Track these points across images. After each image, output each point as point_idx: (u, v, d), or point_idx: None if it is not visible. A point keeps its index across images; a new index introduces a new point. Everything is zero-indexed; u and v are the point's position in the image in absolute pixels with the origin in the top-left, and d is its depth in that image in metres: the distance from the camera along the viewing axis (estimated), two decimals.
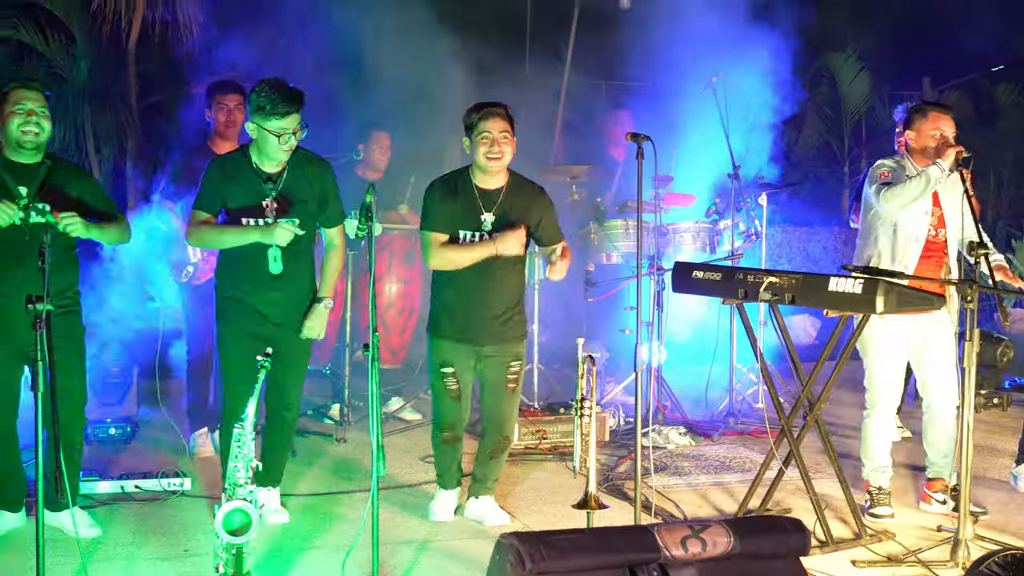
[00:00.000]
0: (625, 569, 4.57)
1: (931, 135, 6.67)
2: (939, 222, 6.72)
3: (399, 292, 9.11)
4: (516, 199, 6.29)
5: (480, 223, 6.21)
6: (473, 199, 6.23)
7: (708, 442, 8.58)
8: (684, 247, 9.34)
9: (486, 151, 6.14)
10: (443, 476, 6.61)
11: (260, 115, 5.85)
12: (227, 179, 6.01)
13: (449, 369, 6.30)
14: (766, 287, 6.20)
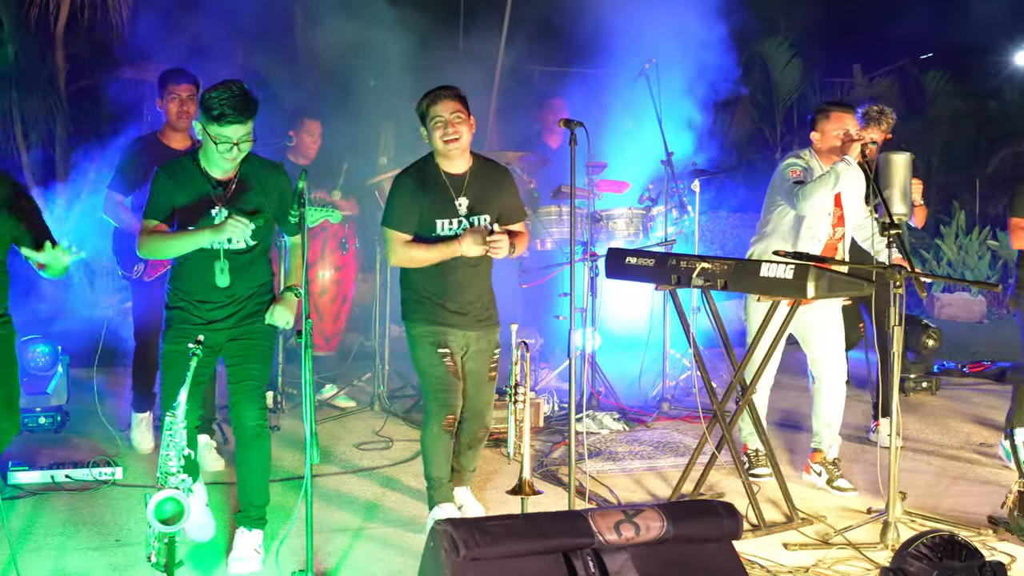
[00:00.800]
0: (559, 554, 4.57)
1: (835, 135, 6.80)
2: (839, 221, 6.87)
3: (332, 279, 9.08)
4: (485, 180, 6.21)
5: (456, 209, 6.09)
6: (444, 186, 6.11)
7: (642, 427, 8.62)
8: (617, 233, 9.36)
9: (441, 134, 6.01)
10: (440, 486, 6.19)
11: (206, 117, 5.45)
12: (176, 187, 5.61)
13: (446, 350, 6.10)
14: (699, 273, 6.24)
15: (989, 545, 5.97)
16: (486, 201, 6.16)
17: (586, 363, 8.75)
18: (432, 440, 6.14)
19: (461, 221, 6.08)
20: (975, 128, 22.27)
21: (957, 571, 4.71)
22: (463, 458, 6.41)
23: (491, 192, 6.20)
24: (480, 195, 6.14)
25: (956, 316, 16.13)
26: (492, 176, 6.26)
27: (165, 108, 7.52)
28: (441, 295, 6.10)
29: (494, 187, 6.22)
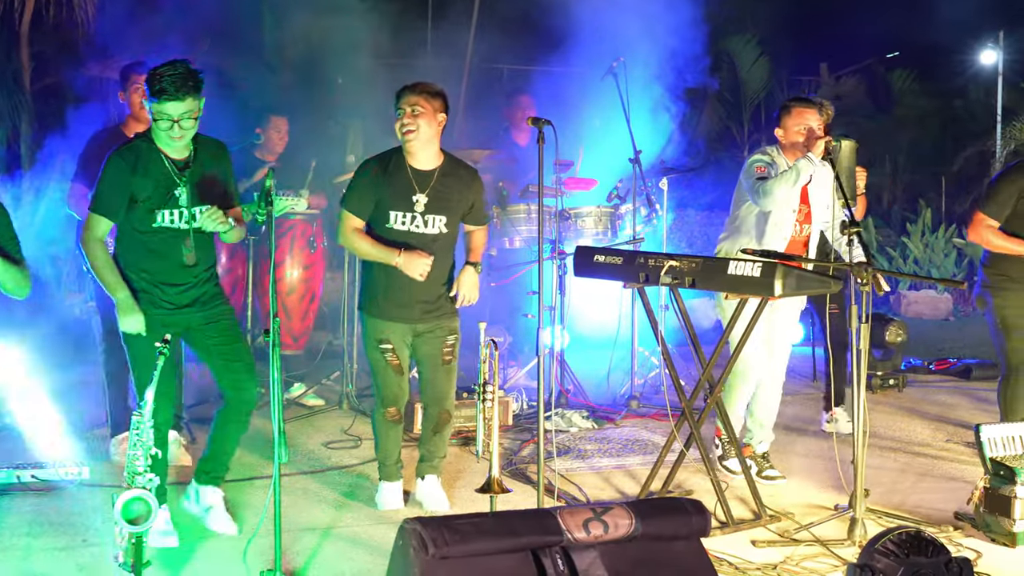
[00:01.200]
0: (528, 552, 4.56)
1: (797, 131, 6.82)
2: (805, 218, 6.90)
3: (300, 277, 9.05)
4: (450, 181, 6.26)
5: (412, 204, 6.17)
6: (406, 179, 6.18)
7: (610, 425, 8.64)
8: (586, 231, 9.36)
9: (400, 125, 6.11)
10: (386, 466, 6.52)
11: (153, 99, 5.51)
12: (136, 171, 5.63)
13: (388, 345, 6.29)
14: (667, 271, 6.25)
15: (955, 541, 6.01)
16: (447, 202, 6.23)
17: (555, 361, 8.75)
18: (379, 426, 6.49)
19: (415, 217, 6.16)
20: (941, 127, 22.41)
21: (923, 567, 4.72)
22: (430, 444, 6.51)
23: (455, 194, 6.25)
24: (442, 195, 6.20)
25: (922, 313, 16.22)
26: (460, 177, 6.31)
27: (128, 99, 7.52)
28: (388, 289, 6.24)
29: (459, 189, 6.27)
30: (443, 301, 6.36)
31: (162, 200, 5.69)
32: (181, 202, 5.71)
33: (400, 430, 6.53)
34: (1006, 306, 7.46)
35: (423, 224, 6.19)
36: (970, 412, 9.40)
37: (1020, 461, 6.10)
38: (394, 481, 6.52)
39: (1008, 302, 7.45)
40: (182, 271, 5.78)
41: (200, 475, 6.13)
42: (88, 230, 5.74)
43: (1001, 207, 7.39)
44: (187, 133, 5.62)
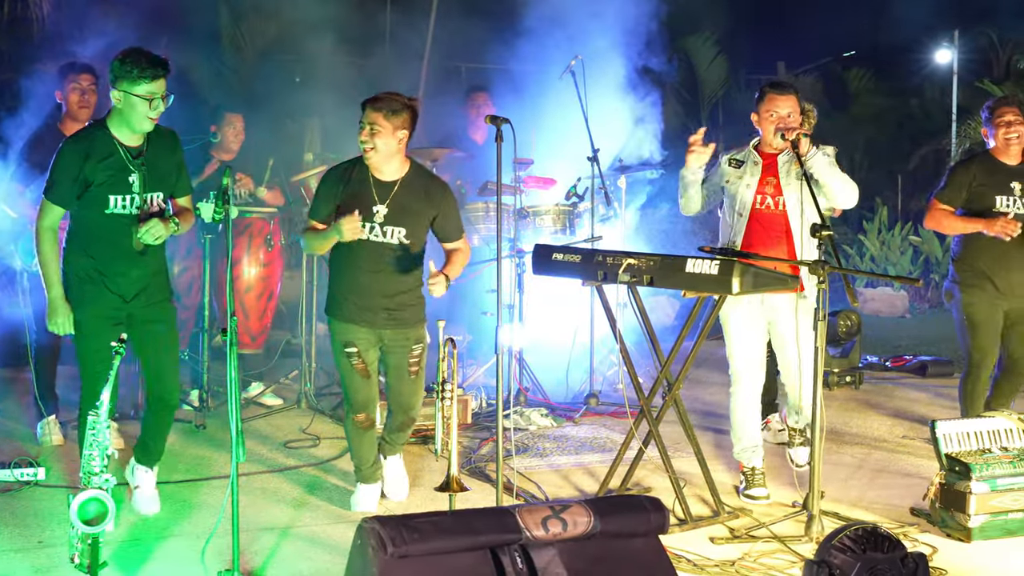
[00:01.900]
0: (487, 551, 4.57)
1: (767, 117, 6.79)
2: (776, 190, 6.79)
3: (258, 276, 9.00)
4: (412, 192, 6.21)
5: (372, 214, 6.13)
6: (367, 189, 6.16)
7: (569, 423, 8.65)
8: (544, 229, 9.36)
9: (360, 141, 6.12)
10: (362, 470, 6.52)
11: (127, 80, 5.64)
12: (90, 158, 5.73)
13: (353, 349, 6.27)
14: (625, 269, 6.26)
15: (911, 537, 6.05)
16: (408, 214, 6.20)
17: (513, 359, 8.76)
18: (351, 432, 6.50)
19: (374, 227, 6.15)
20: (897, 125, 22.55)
21: (880, 563, 4.75)
22: (392, 436, 6.63)
23: (418, 205, 6.22)
24: (403, 207, 6.18)
25: (879, 311, 16.32)
26: (424, 189, 6.27)
27: (66, 98, 7.57)
28: (352, 291, 6.24)
29: (422, 201, 6.23)
30: (409, 309, 6.34)
31: (115, 186, 5.77)
32: (134, 188, 5.80)
33: (373, 434, 6.52)
34: (972, 303, 7.53)
35: (382, 234, 6.17)
36: (926, 408, 9.46)
37: (975, 457, 6.15)
38: (372, 483, 6.52)
39: (975, 298, 7.52)
40: (132, 258, 5.86)
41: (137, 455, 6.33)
42: (40, 218, 5.83)
43: (955, 192, 7.53)
44: (159, 113, 5.75)
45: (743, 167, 6.85)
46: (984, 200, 7.46)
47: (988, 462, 6.10)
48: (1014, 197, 7.43)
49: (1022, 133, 7.47)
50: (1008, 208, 7.42)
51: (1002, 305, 7.53)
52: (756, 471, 6.90)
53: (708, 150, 6.78)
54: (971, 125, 18.91)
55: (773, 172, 6.80)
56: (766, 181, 6.79)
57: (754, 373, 6.91)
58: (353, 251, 6.18)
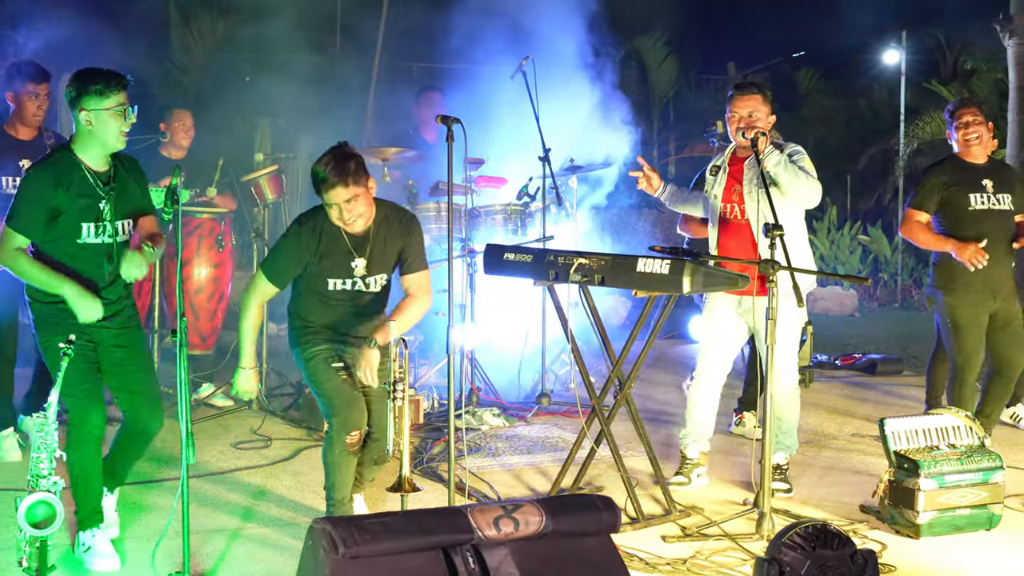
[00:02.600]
0: (439, 551, 4.56)
1: (731, 119, 6.82)
2: (740, 199, 6.83)
3: (209, 276, 8.95)
4: (387, 235, 5.92)
5: (351, 270, 5.86)
6: (343, 246, 5.83)
7: (521, 423, 8.66)
8: (496, 229, 9.37)
9: (338, 217, 5.72)
10: (341, 505, 5.88)
11: (95, 97, 5.39)
12: (60, 185, 5.45)
13: (340, 364, 5.91)
14: (576, 269, 6.27)
15: (861, 534, 6.09)
16: (386, 259, 5.96)
17: (465, 359, 8.75)
18: (335, 461, 5.83)
19: (356, 282, 5.89)
20: (846, 125, 22.69)
21: (829, 560, 4.78)
22: (365, 470, 6.14)
23: (392, 246, 5.96)
24: (381, 253, 5.92)
25: (829, 310, 16.42)
26: (396, 229, 5.98)
27: (19, 103, 7.38)
28: (331, 325, 5.94)
29: (396, 240, 5.96)
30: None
31: (86, 214, 5.51)
32: (105, 216, 5.53)
33: (355, 462, 5.94)
34: (957, 306, 7.56)
35: (364, 286, 5.94)
36: (875, 406, 9.52)
37: (923, 454, 6.20)
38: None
39: (959, 302, 7.55)
40: (102, 288, 5.58)
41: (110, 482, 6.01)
42: (4, 246, 5.49)
43: (927, 198, 7.57)
44: (130, 126, 5.55)
45: (717, 174, 6.91)
46: (958, 201, 7.50)
47: (936, 459, 6.14)
48: (987, 194, 7.50)
49: (982, 134, 7.55)
50: (983, 205, 7.49)
51: (988, 307, 7.56)
52: (688, 460, 6.98)
53: (653, 176, 6.82)
54: (919, 125, 19.10)
55: (739, 179, 6.85)
56: (732, 189, 6.84)
57: (716, 366, 6.97)
58: (331, 301, 5.93)
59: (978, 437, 6.48)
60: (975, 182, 7.51)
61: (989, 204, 7.50)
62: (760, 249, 6.62)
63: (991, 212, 7.50)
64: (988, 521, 6.21)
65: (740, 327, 6.93)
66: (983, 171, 7.56)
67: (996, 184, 7.52)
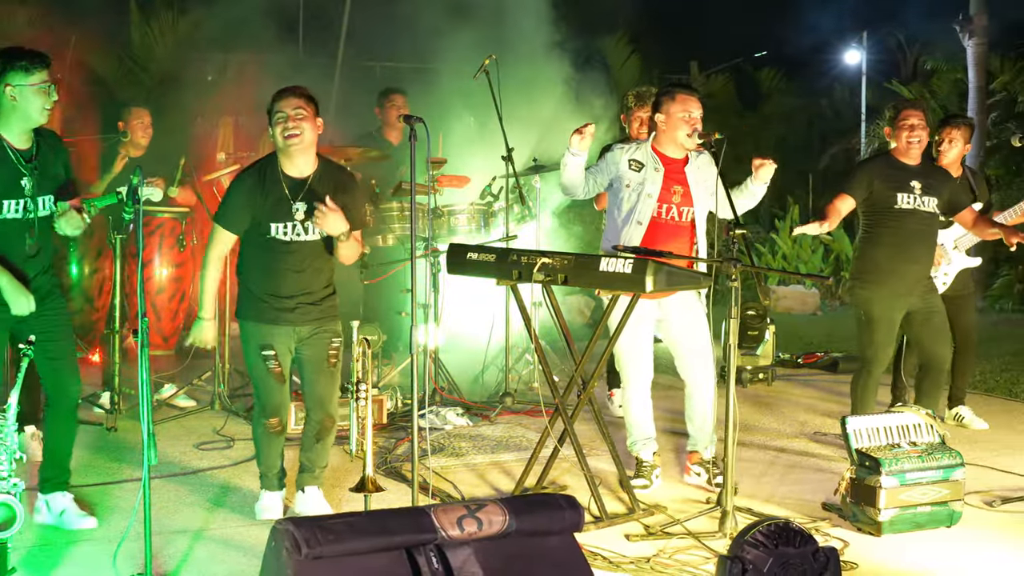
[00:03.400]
0: (402, 551, 4.54)
1: (680, 117, 6.81)
2: (684, 200, 6.81)
3: (170, 276, 8.92)
4: (327, 185, 6.07)
5: (291, 213, 6.00)
6: (283, 189, 6.00)
7: (485, 422, 8.66)
8: (459, 229, 9.36)
9: (282, 130, 5.92)
10: (267, 476, 6.34)
11: (19, 73, 5.59)
12: None
13: (270, 352, 6.08)
14: (539, 268, 6.27)
15: (823, 531, 6.12)
16: None
17: (429, 359, 8.74)
18: (260, 437, 6.30)
19: (295, 226, 6.02)
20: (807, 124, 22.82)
21: (792, 557, 4.78)
22: (311, 453, 6.29)
23: (333, 198, 6.03)
24: (320, 200, 5.99)
25: (791, 308, 16.51)
26: (336, 181, 6.15)
27: None
28: (269, 289, 6.07)
29: (335, 193, 6.06)
30: (327, 302, 6.22)
31: (8, 190, 5.67)
32: (27, 191, 5.70)
33: (283, 440, 6.33)
34: (869, 299, 7.64)
35: (304, 232, 6.04)
36: (838, 404, 9.54)
37: (885, 452, 6.23)
38: (275, 491, 6.37)
39: (872, 295, 7.62)
40: (25, 262, 5.75)
41: (43, 484, 6.09)
42: None
43: (857, 189, 7.67)
44: (53, 104, 5.69)
45: (643, 171, 6.85)
46: (885, 198, 7.60)
47: (897, 457, 6.17)
48: (914, 195, 7.59)
49: (923, 138, 7.63)
50: (908, 205, 7.58)
51: (904, 303, 7.64)
52: (644, 463, 6.99)
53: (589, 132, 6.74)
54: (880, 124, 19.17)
55: (680, 180, 6.85)
56: (672, 190, 6.82)
57: (644, 369, 6.98)
58: (272, 253, 6.05)
59: (939, 435, 6.51)
60: (905, 182, 7.62)
61: (914, 204, 7.61)
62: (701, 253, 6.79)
63: (915, 212, 7.61)
64: (949, 518, 6.25)
65: (653, 326, 6.98)
66: (914, 172, 7.65)
67: (924, 187, 7.63)
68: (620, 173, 6.88)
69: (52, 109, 5.70)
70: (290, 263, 6.07)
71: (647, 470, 6.98)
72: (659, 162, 6.83)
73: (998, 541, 6.09)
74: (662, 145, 6.88)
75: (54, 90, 5.66)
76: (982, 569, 5.72)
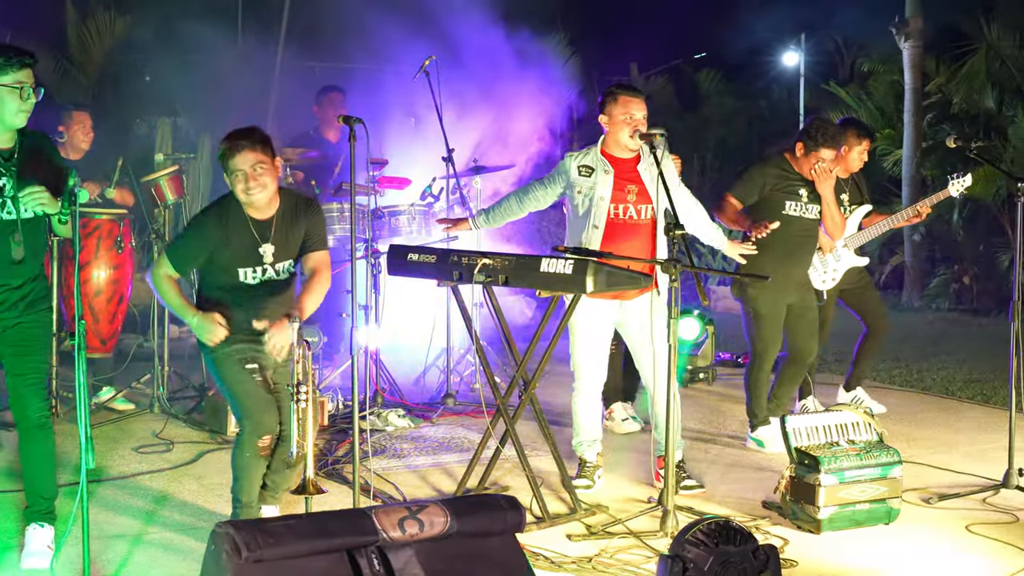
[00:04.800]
0: (343, 553, 4.52)
1: (622, 119, 6.83)
2: (640, 198, 6.80)
3: (108, 279, 8.81)
4: (291, 220, 5.88)
5: (260, 257, 5.81)
6: (249, 233, 5.77)
7: (427, 424, 8.64)
8: (400, 230, 9.34)
9: (243, 188, 5.65)
10: (248, 508, 5.84)
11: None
12: None
13: (254, 365, 5.81)
14: (480, 269, 6.26)
15: (763, 529, 6.16)
16: (292, 243, 5.91)
17: (370, 360, 8.71)
18: (245, 464, 5.78)
19: (266, 269, 5.84)
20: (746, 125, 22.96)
21: (732, 555, 4.80)
22: (279, 477, 6.00)
23: (297, 232, 5.91)
24: (286, 238, 5.87)
25: (732, 308, 16.48)
26: (299, 213, 5.93)
27: None
28: (242, 322, 5.79)
29: (300, 224, 5.91)
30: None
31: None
32: (6, 192, 5.40)
33: (265, 465, 5.88)
34: (757, 296, 7.82)
35: (275, 273, 5.89)
36: None
37: (824, 450, 6.27)
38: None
39: (760, 293, 7.79)
40: (11, 267, 5.44)
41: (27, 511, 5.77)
42: None
43: (747, 192, 7.84)
44: (31, 106, 5.38)
45: (594, 175, 6.86)
46: (775, 203, 7.79)
47: (836, 455, 6.22)
48: (802, 203, 7.81)
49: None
50: (795, 212, 7.80)
51: (786, 299, 7.86)
52: (587, 464, 7.02)
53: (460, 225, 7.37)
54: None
55: (633, 179, 6.85)
56: (626, 189, 6.83)
57: (597, 371, 7.00)
58: (239, 293, 5.85)
59: (877, 433, 6.57)
60: (794, 190, 7.81)
61: (800, 212, 7.83)
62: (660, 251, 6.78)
63: (800, 219, 7.83)
64: (887, 515, 6.31)
65: (612, 327, 6.99)
66: (804, 180, 7.82)
67: (811, 194, 7.83)
68: (571, 180, 6.91)
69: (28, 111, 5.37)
70: (259, 302, 5.85)
71: (590, 470, 6.99)
72: (608, 164, 6.84)
73: (936, 538, 6.16)
74: (609, 147, 6.90)
75: (32, 93, 5.33)
76: (920, 565, 5.78)
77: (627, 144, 6.79)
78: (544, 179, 7.05)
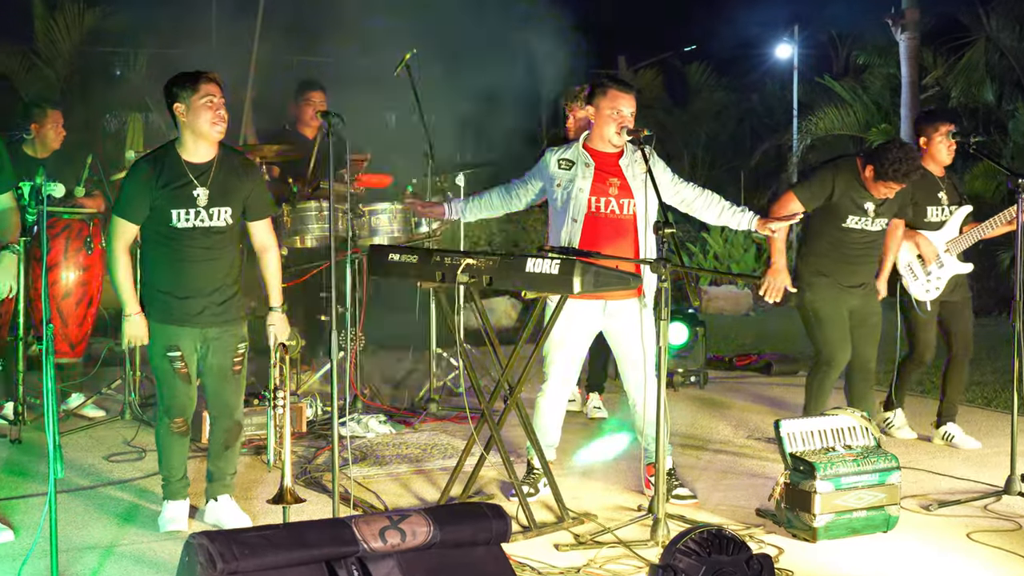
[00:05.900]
0: (322, 564, 4.45)
1: (608, 113, 6.68)
2: (622, 192, 6.68)
3: (77, 280, 8.63)
4: (228, 170, 6.02)
5: (194, 199, 5.90)
6: (184, 175, 5.90)
7: (409, 430, 8.51)
8: (381, 229, 9.17)
9: (212, 117, 5.86)
10: (171, 483, 6.19)
11: None
12: None
13: (176, 352, 5.97)
14: (463, 269, 6.15)
15: (757, 538, 6.04)
16: (228, 192, 6.02)
17: (350, 364, 8.57)
18: (163, 439, 6.17)
19: (199, 212, 5.91)
20: (738, 121, 22.93)
21: (725, 565, 4.74)
22: (220, 461, 6.22)
23: (234, 182, 6.04)
24: (222, 186, 5.98)
25: (723, 309, 16.50)
26: (236, 166, 6.10)
27: None
28: (174, 288, 5.96)
29: (237, 178, 6.05)
30: (232, 302, 6.11)
31: None
32: None
33: (187, 442, 6.21)
34: (816, 300, 7.58)
35: (208, 218, 5.95)
36: (771, 407, 9.54)
37: (819, 456, 6.15)
38: (180, 500, 6.21)
39: (818, 295, 7.56)
40: None
41: None
42: None
43: (814, 195, 7.47)
44: None
45: (574, 168, 6.73)
46: (836, 214, 7.49)
47: (832, 461, 6.10)
48: (867, 217, 7.48)
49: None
50: (856, 225, 7.50)
51: (847, 302, 7.60)
52: (535, 469, 6.81)
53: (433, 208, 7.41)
54: (812, 120, 19.31)
55: (615, 173, 6.70)
56: (607, 182, 6.67)
57: (569, 375, 6.86)
58: (174, 243, 5.94)
59: (874, 438, 6.44)
60: (861, 204, 7.49)
61: (862, 225, 7.53)
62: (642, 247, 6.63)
63: (864, 232, 7.55)
64: (885, 523, 6.19)
65: (593, 331, 6.83)
66: (872, 195, 7.48)
67: (878, 208, 7.51)
68: (551, 174, 6.80)
69: None
70: (194, 254, 5.96)
71: (536, 476, 6.80)
72: (589, 158, 6.72)
73: (935, 546, 6.06)
74: (593, 141, 6.77)
75: None
76: (919, 574, 5.68)
77: (612, 140, 6.65)
78: (525, 176, 6.96)
